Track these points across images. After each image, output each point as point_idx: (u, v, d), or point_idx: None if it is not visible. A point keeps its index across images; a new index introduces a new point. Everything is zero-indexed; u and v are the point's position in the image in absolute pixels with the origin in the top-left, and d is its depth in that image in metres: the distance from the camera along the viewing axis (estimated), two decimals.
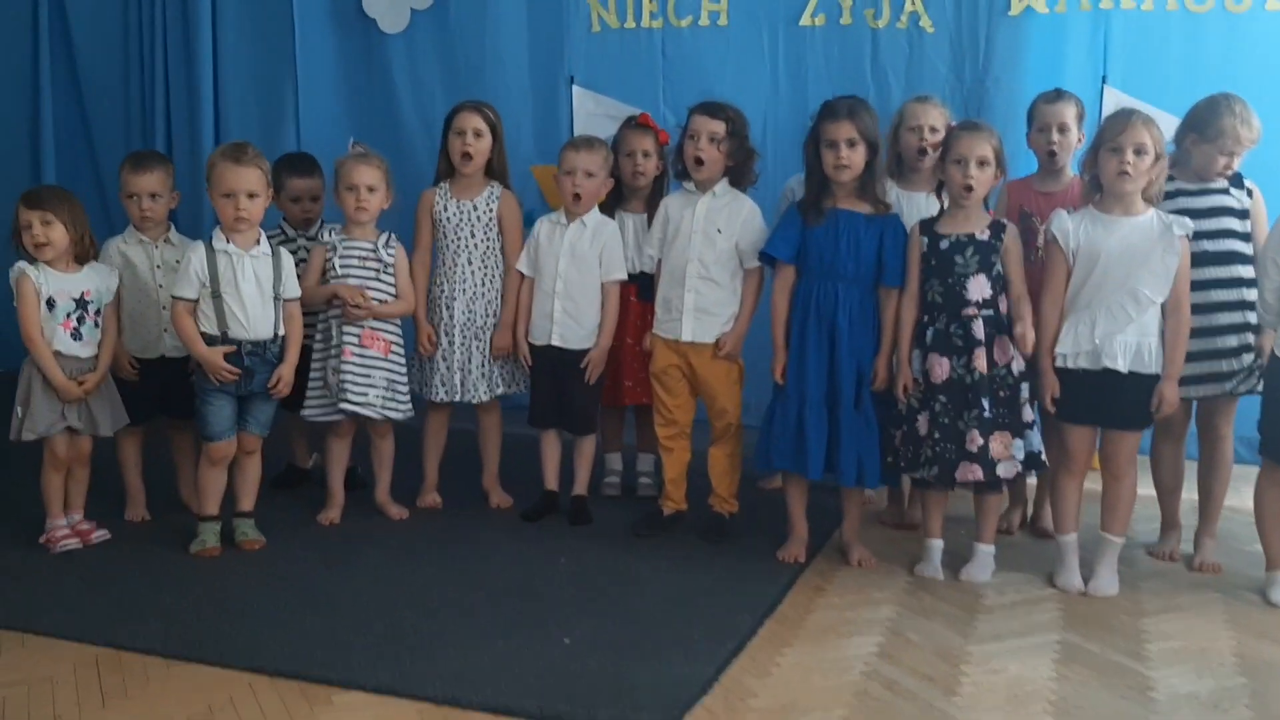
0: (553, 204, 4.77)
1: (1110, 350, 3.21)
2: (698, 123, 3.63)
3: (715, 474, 3.79)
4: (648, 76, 4.80)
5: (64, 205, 3.50)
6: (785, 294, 3.53)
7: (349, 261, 3.78)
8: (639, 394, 4.09)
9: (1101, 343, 3.22)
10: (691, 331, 3.67)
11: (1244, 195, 3.47)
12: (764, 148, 4.29)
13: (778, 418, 3.51)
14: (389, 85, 5.10)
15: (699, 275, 3.66)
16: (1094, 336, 3.22)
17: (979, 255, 3.30)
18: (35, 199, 3.49)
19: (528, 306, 3.92)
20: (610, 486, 4.26)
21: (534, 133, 4.91)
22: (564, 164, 3.82)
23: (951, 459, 3.32)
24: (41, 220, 3.46)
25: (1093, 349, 3.24)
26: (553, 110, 4.89)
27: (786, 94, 4.69)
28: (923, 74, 4.50)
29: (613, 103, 4.82)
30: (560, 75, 4.86)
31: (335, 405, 3.77)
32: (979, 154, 3.28)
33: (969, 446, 3.29)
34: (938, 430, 3.34)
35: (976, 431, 3.28)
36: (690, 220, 3.69)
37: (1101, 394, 3.25)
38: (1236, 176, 3.49)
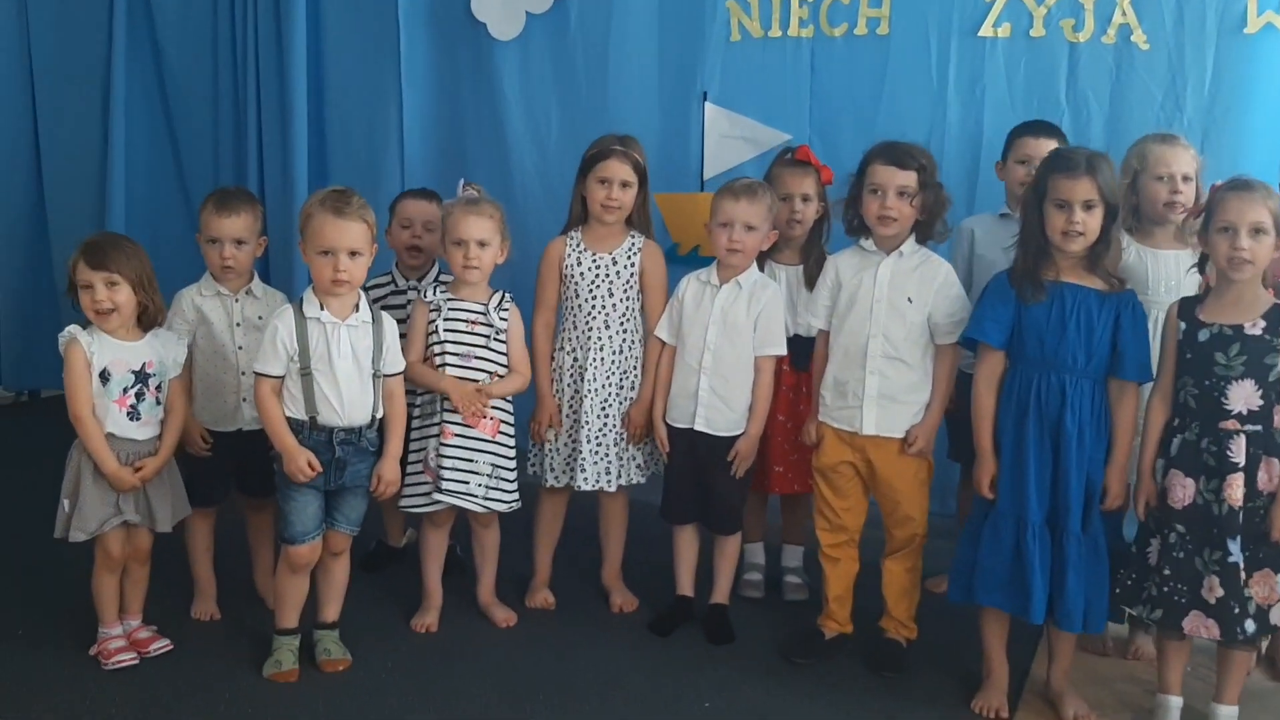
0: (675, 237, 4.16)
1: None
2: (883, 175, 2.98)
3: (892, 593, 3.15)
4: (793, 94, 4.12)
5: (131, 263, 2.94)
6: (993, 387, 2.87)
7: (455, 325, 3.19)
8: (789, 482, 3.48)
9: None
10: (875, 423, 3.04)
11: None
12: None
13: (987, 542, 2.85)
14: (497, 99, 4.45)
15: (884, 355, 3.01)
16: None
17: (1246, 354, 2.61)
18: (99, 255, 2.91)
19: (667, 380, 3.31)
20: (751, 585, 3.63)
21: (660, 155, 4.20)
22: (719, 214, 3.19)
23: (1181, 604, 2.66)
24: (106, 282, 2.90)
25: None
26: (682, 130, 4.23)
27: (957, 118, 3.97)
28: (1131, 99, 3.76)
29: (751, 123, 4.17)
30: (692, 90, 4.20)
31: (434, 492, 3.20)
32: (1252, 220, 2.59)
33: (1205, 594, 2.62)
34: (1168, 565, 2.67)
35: (1216, 579, 2.61)
36: (872, 287, 3.04)
37: None
38: None
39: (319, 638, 3.10)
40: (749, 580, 3.64)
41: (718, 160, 4.16)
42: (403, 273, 3.59)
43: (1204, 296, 2.74)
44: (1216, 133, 3.64)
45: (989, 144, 3.91)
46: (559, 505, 3.50)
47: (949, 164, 3.94)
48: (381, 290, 3.56)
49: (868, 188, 3.01)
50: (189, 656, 3.10)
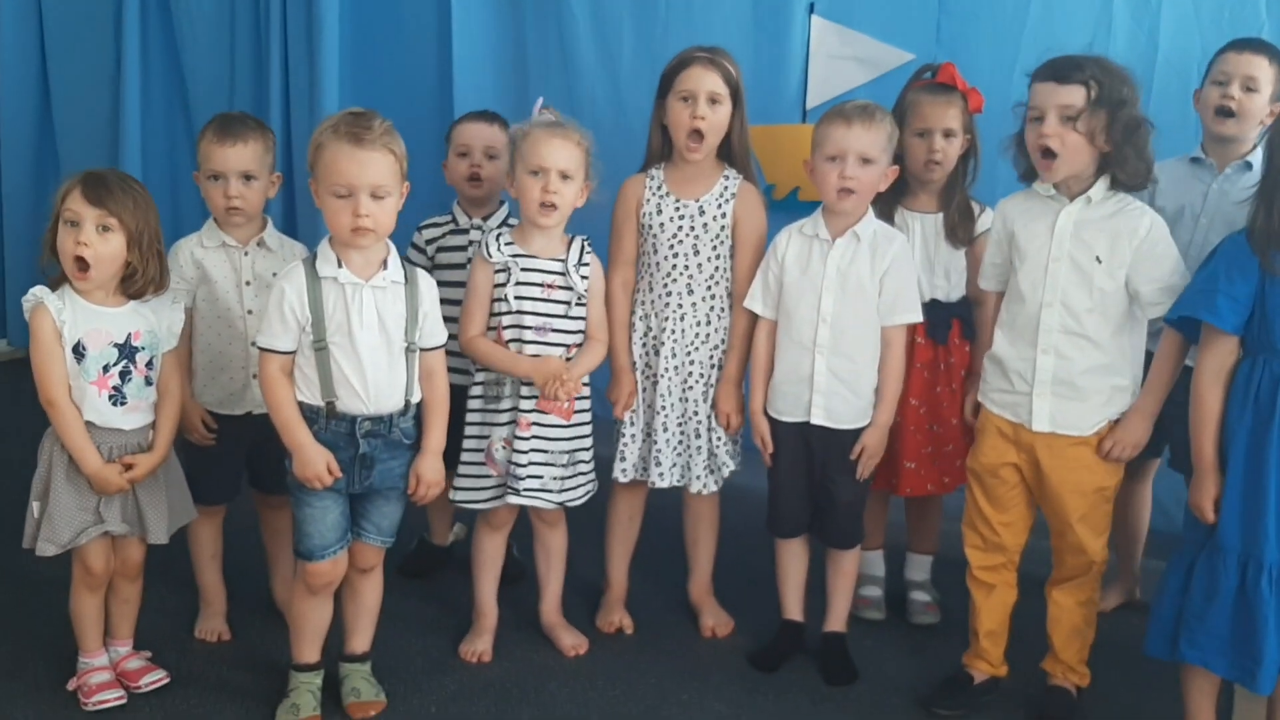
0: (771, 178, 3.49)
1: None
2: (1041, 94, 2.31)
3: (1060, 631, 2.51)
4: (919, 4, 3.43)
5: (136, 211, 2.36)
6: (1221, 382, 2.19)
7: (529, 290, 2.59)
8: (923, 480, 2.84)
9: None
10: (1049, 417, 2.38)
11: None
12: None
13: (1201, 582, 2.19)
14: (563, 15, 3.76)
15: (1062, 329, 2.35)
16: None
17: None
18: (98, 189, 2.33)
19: (767, 364, 2.67)
20: (869, 604, 3.01)
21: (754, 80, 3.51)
22: (826, 144, 2.53)
23: None
24: (99, 223, 2.32)
25: None
26: (782, 50, 3.53)
27: (1124, 39, 3.23)
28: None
29: (866, 40, 3.47)
30: (797, 2, 3.52)
31: (500, 492, 2.62)
32: None
33: None
34: None
35: None
36: (1048, 241, 2.36)
37: None
38: None
39: (346, 674, 2.53)
40: (866, 597, 3.02)
41: (825, 85, 3.48)
42: (464, 209, 2.98)
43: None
44: None
45: (1165, 66, 3.20)
46: (635, 504, 2.90)
47: None
48: (438, 230, 2.98)
49: (1029, 115, 2.34)
50: (190, 693, 2.55)
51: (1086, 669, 2.54)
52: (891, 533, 3.10)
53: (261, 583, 2.93)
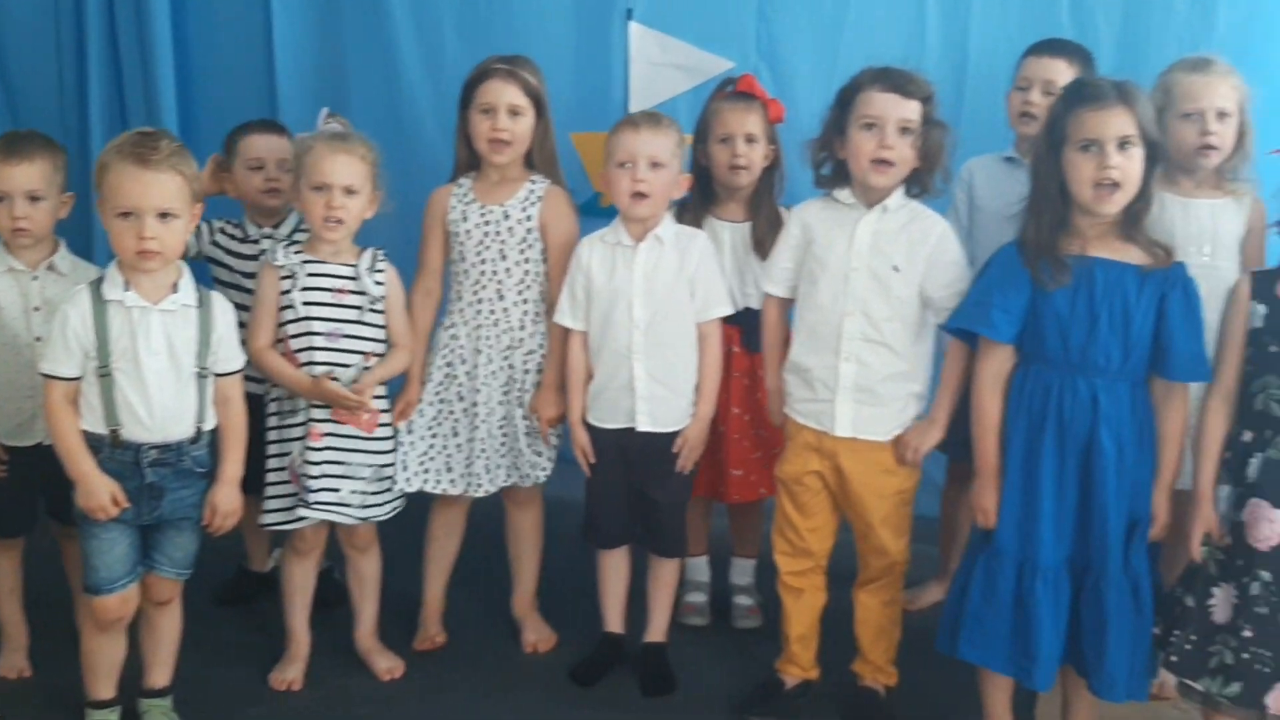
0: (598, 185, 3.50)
1: None
2: (881, 105, 2.35)
3: (867, 632, 2.58)
4: (736, 12, 3.48)
5: None
6: (999, 390, 2.28)
7: (317, 294, 2.55)
8: (751, 486, 2.89)
9: None
10: (851, 423, 2.44)
11: None
12: None
13: (979, 584, 2.28)
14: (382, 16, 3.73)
15: (863, 337, 2.41)
16: None
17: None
18: None
19: (582, 374, 2.68)
20: (694, 610, 3.05)
21: (578, 86, 3.57)
22: (617, 151, 2.57)
23: (1265, 674, 2.10)
24: None
25: None
26: (603, 57, 3.55)
27: (938, 42, 3.34)
28: (1150, 16, 3.17)
29: (686, 48, 3.50)
30: (614, 8, 3.53)
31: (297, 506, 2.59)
32: None
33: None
34: (1249, 624, 2.10)
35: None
36: (848, 252, 2.42)
37: None
38: None
39: (145, 709, 2.48)
40: (691, 604, 3.06)
41: (647, 92, 3.50)
42: (254, 219, 2.92)
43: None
44: (1259, 51, 3.03)
45: (976, 68, 3.31)
46: (453, 518, 2.88)
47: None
48: (226, 239, 2.91)
49: (859, 122, 2.37)
50: None
51: (894, 669, 2.61)
52: (716, 540, 3.15)
53: (65, 616, 2.83)
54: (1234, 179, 2.59)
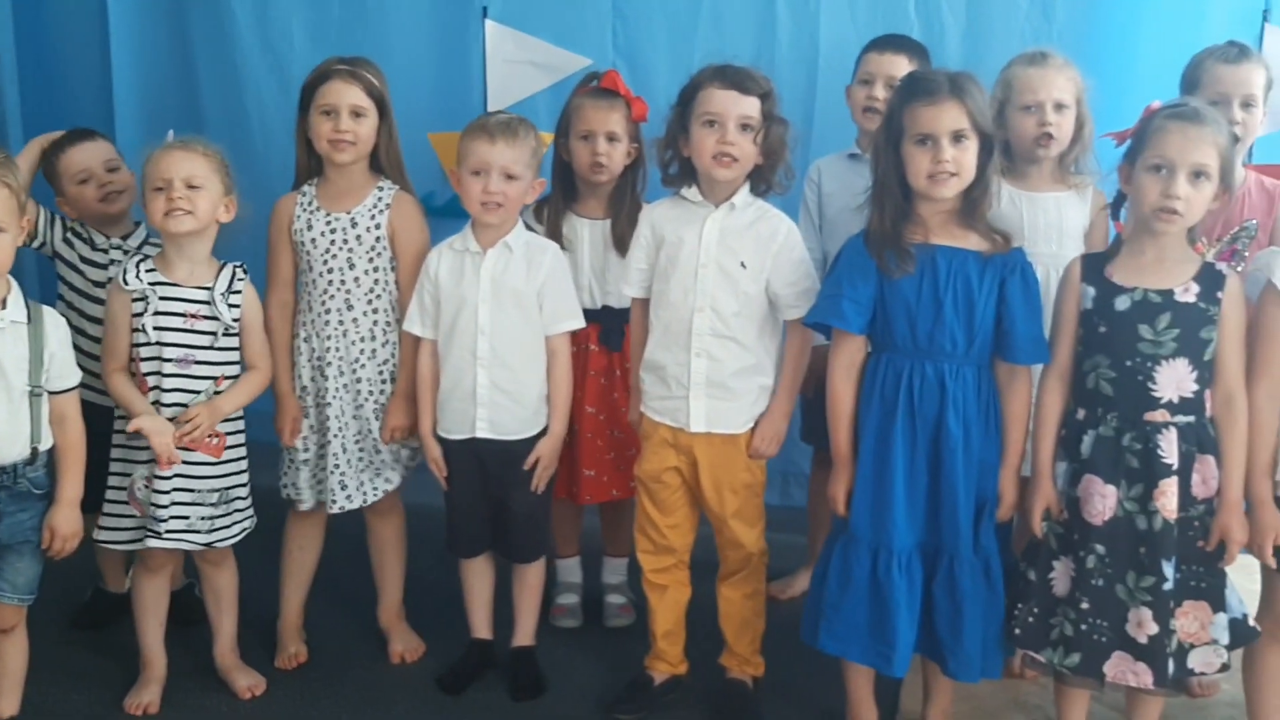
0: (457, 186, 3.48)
1: None
2: (720, 102, 2.37)
3: (731, 625, 2.61)
4: (593, 9, 3.47)
5: None
6: (852, 379, 2.33)
7: (169, 321, 2.49)
8: (605, 487, 2.90)
9: None
10: (705, 418, 2.46)
11: None
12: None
13: (836, 574, 2.33)
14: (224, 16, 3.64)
15: (712, 333, 2.44)
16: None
17: (1179, 327, 2.13)
18: None
19: (432, 384, 2.66)
20: (566, 612, 3.06)
21: (434, 86, 3.54)
22: (470, 158, 2.55)
23: (1102, 644, 2.19)
24: None
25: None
26: (459, 56, 3.51)
27: (789, 37, 3.38)
28: (993, 10, 3.25)
29: (543, 45, 3.49)
30: (470, 7, 3.50)
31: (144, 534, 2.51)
32: (1195, 161, 2.09)
33: (1132, 632, 2.16)
34: (1086, 596, 2.19)
35: (1148, 612, 2.14)
36: (697, 249, 2.45)
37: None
38: None
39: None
40: (563, 605, 3.07)
41: (505, 91, 3.47)
42: (99, 230, 2.82)
43: (1114, 252, 2.25)
44: (1096, 46, 3.14)
45: (826, 64, 3.36)
46: (310, 532, 2.84)
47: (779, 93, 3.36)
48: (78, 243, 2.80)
49: (700, 119, 2.40)
50: None
51: (760, 659, 2.65)
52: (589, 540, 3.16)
53: None
54: (1077, 172, 2.69)
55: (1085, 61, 3.06)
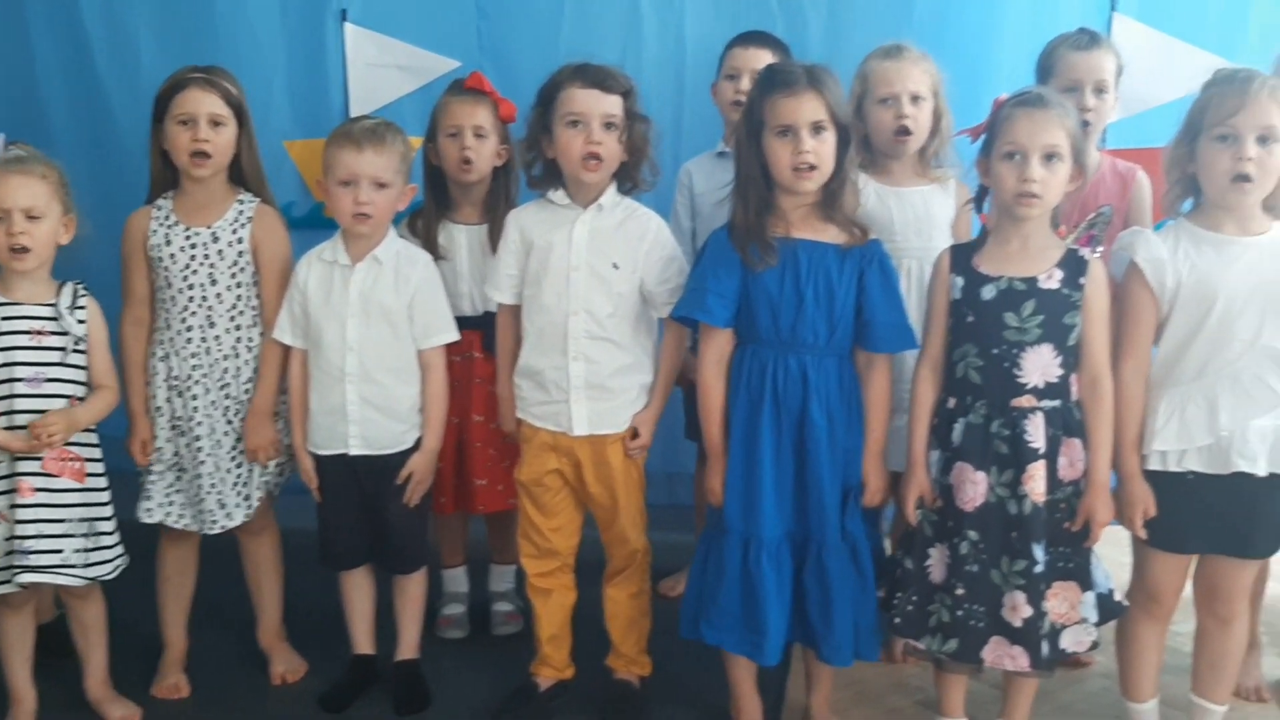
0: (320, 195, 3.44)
1: (1245, 445, 2.19)
2: (583, 101, 2.39)
3: (617, 625, 2.64)
4: (456, 10, 3.46)
5: None
6: (721, 374, 2.38)
7: (15, 339, 2.42)
8: (499, 497, 2.89)
9: (1230, 434, 2.19)
10: (588, 420, 2.48)
11: None
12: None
13: (712, 565, 2.38)
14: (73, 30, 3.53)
15: (588, 335, 2.45)
16: (1216, 424, 2.19)
17: (1043, 313, 2.21)
18: None
19: (303, 396, 2.64)
20: (452, 623, 3.05)
21: (291, 93, 3.50)
22: (337, 168, 2.52)
23: (979, 629, 2.26)
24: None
25: (1214, 443, 2.20)
26: (317, 61, 3.47)
27: (655, 35, 3.42)
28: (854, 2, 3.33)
29: (406, 48, 3.47)
30: (327, 9, 3.46)
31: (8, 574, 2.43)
32: (1046, 143, 2.17)
33: (1008, 616, 2.23)
34: (961, 582, 2.26)
35: (1021, 596, 2.21)
36: (567, 251, 2.46)
37: (1224, 509, 2.22)
38: None
39: None
40: (448, 616, 3.06)
41: (369, 95, 3.45)
42: None
43: (981, 243, 2.32)
44: (955, 37, 3.24)
45: (694, 62, 3.41)
46: (185, 555, 2.78)
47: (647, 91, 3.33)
48: None
49: (563, 119, 2.41)
50: None
51: (647, 658, 2.68)
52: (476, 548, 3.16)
53: None
54: (938, 164, 2.77)
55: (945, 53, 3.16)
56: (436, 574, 3.07)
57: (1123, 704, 2.47)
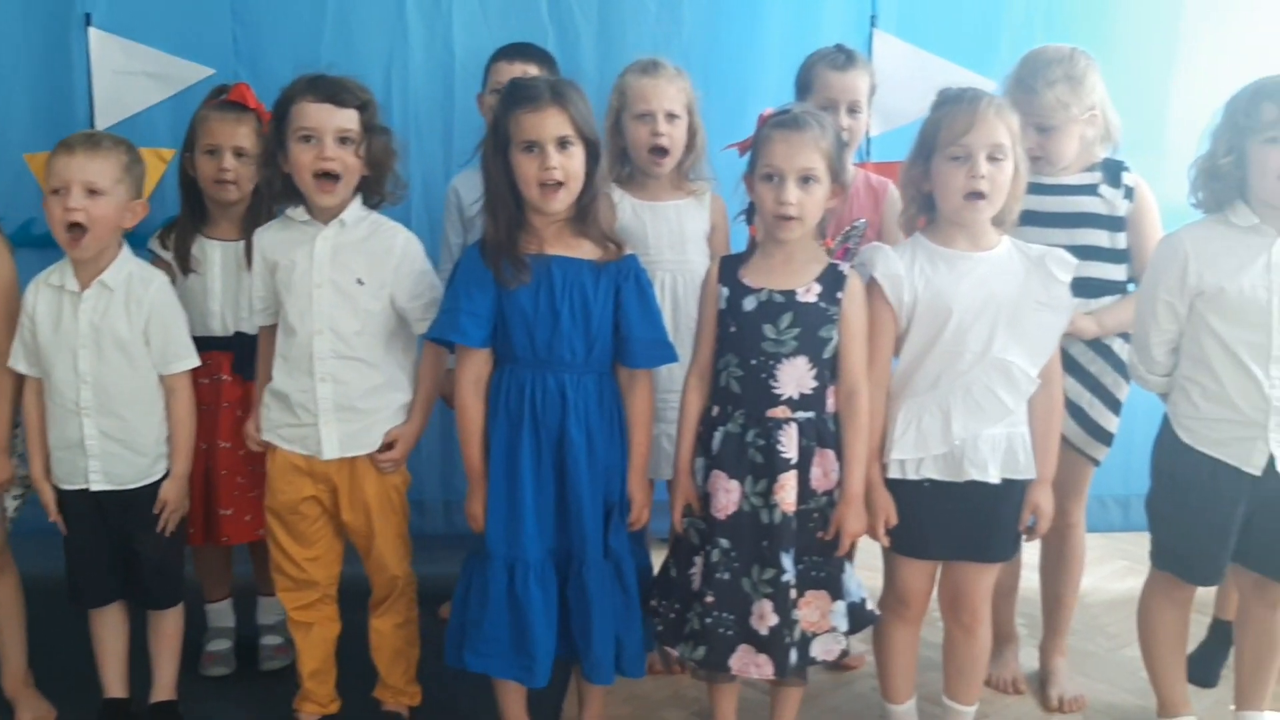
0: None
1: (977, 454, 2.30)
2: (315, 116, 2.34)
3: (382, 657, 2.60)
4: (210, 16, 3.35)
5: None
6: (479, 395, 2.36)
7: None
8: (248, 528, 2.82)
9: (964, 443, 2.30)
10: (339, 443, 2.43)
11: (1119, 196, 2.66)
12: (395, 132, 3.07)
13: (475, 591, 2.36)
14: None
15: (335, 354, 2.40)
16: (950, 433, 2.30)
17: (799, 326, 2.27)
18: None
19: (40, 425, 2.51)
20: (216, 659, 2.95)
21: (29, 103, 3.33)
22: (50, 177, 2.41)
23: (728, 637, 2.30)
24: None
25: (949, 452, 2.31)
26: (61, 68, 3.30)
27: (422, 44, 3.39)
28: (624, 13, 3.38)
29: (156, 55, 3.34)
30: (71, 13, 3.29)
31: None
32: (801, 166, 2.23)
33: (755, 624, 2.29)
34: (711, 590, 2.30)
35: (769, 604, 2.27)
36: (309, 268, 2.41)
37: (961, 515, 2.33)
38: (1111, 166, 2.67)
39: None
40: (213, 652, 2.96)
41: (115, 105, 3.30)
42: None
43: (749, 255, 2.37)
44: (721, 50, 3.32)
45: (464, 71, 3.40)
46: None
47: (416, 102, 3.42)
48: None
49: (295, 135, 2.36)
50: None
51: (417, 687, 2.65)
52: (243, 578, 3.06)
53: None
54: (695, 178, 2.83)
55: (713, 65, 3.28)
56: (201, 609, 2.98)
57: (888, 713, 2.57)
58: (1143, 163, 2.74)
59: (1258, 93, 2.25)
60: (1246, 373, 2.28)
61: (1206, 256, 2.30)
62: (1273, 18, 3.47)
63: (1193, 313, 2.33)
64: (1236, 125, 2.27)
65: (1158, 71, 3.50)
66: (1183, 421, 2.38)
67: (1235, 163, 2.27)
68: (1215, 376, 2.31)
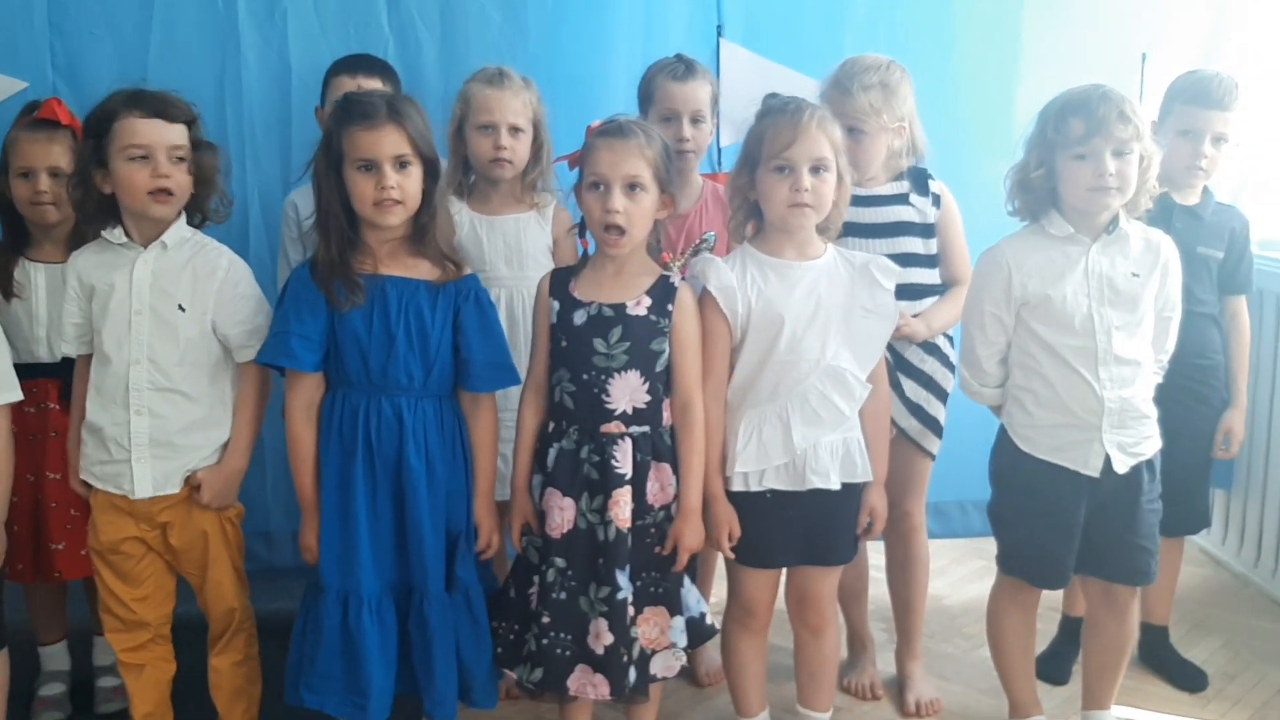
0: None
1: (818, 462, 2.32)
2: (146, 133, 2.26)
3: (221, 696, 2.52)
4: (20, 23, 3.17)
5: None
6: (311, 421, 2.31)
7: None
8: (83, 563, 2.68)
9: (805, 452, 2.32)
10: (152, 482, 2.34)
11: (928, 203, 2.73)
12: (230, 147, 3.05)
13: (310, 626, 2.31)
14: None
15: (153, 386, 2.32)
16: (791, 443, 2.31)
17: (630, 340, 2.27)
18: None
19: None
20: (49, 704, 2.84)
21: None
22: None
23: (565, 658, 2.29)
24: None
25: (791, 462, 2.33)
26: None
27: (256, 55, 3.27)
28: (468, 21, 3.32)
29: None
30: None
31: None
32: (627, 174, 2.23)
33: (592, 644, 2.28)
34: (547, 610, 2.28)
35: (604, 623, 2.26)
36: (128, 294, 2.33)
37: (804, 522, 2.35)
38: (918, 174, 2.75)
39: None
40: (47, 698, 2.85)
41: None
42: None
43: (580, 268, 2.36)
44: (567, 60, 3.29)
45: (301, 82, 3.31)
46: None
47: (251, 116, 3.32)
48: None
49: (122, 153, 2.27)
50: None
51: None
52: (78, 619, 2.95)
53: None
54: (540, 189, 2.82)
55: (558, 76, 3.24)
56: (34, 652, 2.87)
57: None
58: (990, 169, 2.78)
59: (1065, 107, 2.33)
60: (1077, 377, 2.35)
61: (1028, 267, 2.38)
62: (1112, 22, 3.58)
63: (1019, 323, 2.40)
64: (1046, 139, 2.34)
65: (1001, 77, 3.57)
66: (1019, 431, 2.44)
67: (1046, 176, 2.35)
68: (1048, 383, 2.38)
